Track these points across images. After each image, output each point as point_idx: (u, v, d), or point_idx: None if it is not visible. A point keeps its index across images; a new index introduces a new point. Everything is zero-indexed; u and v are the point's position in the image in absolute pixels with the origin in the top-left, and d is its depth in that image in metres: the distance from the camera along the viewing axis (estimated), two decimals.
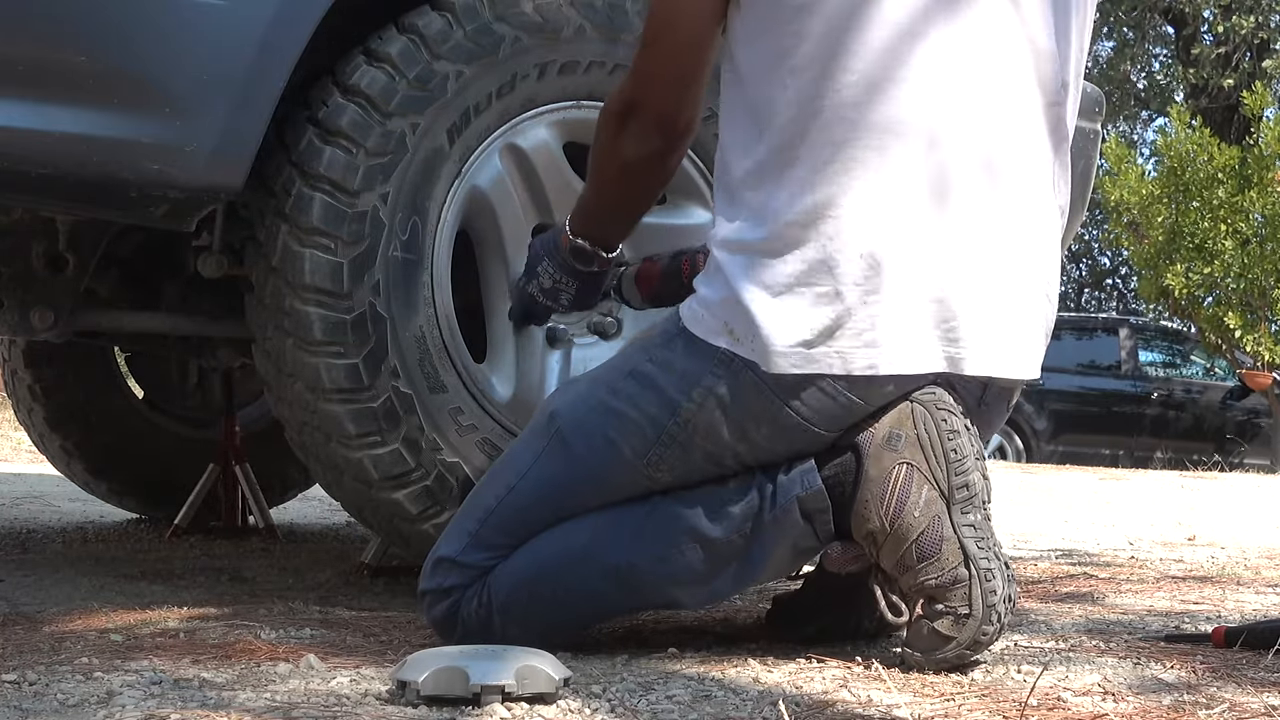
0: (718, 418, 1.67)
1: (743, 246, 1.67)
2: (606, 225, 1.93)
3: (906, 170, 1.64)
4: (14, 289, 2.30)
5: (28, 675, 1.48)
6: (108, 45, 1.84)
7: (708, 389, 1.67)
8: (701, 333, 1.68)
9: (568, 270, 1.97)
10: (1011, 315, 1.71)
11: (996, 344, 1.69)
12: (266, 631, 1.84)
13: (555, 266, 1.98)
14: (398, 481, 2.04)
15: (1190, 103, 15.92)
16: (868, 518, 1.65)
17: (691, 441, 1.69)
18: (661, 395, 1.69)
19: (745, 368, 1.65)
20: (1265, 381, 10.35)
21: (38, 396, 3.31)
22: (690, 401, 1.68)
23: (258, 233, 2.09)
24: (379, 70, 2.04)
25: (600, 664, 1.66)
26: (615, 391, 1.72)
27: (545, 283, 1.99)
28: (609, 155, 1.82)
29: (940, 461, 1.63)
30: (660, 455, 1.70)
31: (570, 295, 2.00)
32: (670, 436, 1.69)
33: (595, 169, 1.88)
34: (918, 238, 1.64)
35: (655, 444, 1.69)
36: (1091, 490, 6.20)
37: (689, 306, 1.71)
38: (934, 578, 1.62)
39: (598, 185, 1.89)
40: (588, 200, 1.93)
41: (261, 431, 3.36)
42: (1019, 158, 1.71)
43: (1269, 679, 1.62)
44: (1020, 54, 1.70)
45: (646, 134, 1.77)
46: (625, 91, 1.79)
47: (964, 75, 1.67)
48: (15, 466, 6.13)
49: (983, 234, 1.68)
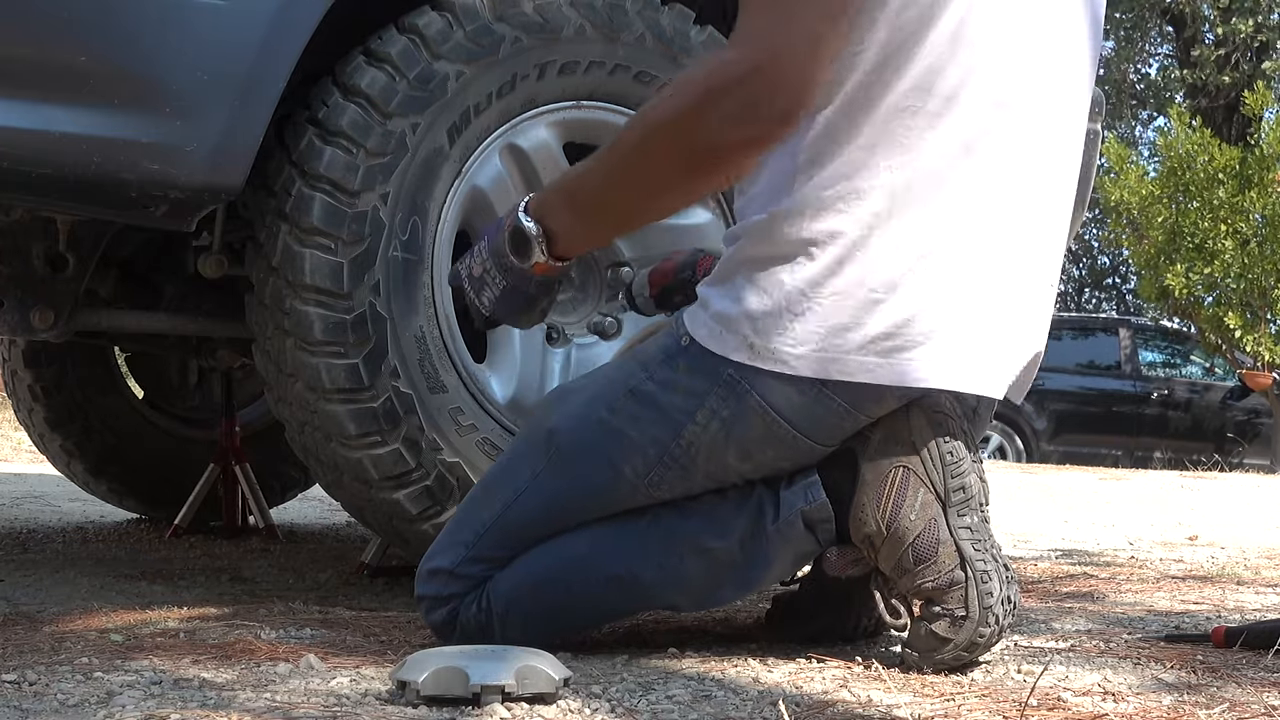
0: (721, 439, 1.65)
1: (760, 257, 1.62)
2: (589, 222, 1.65)
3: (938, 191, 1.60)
4: (14, 289, 2.30)
5: (28, 675, 1.47)
6: (108, 45, 1.84)
7: (712, 411, 1.64)
8: (718, 348, 1.62)
9: (497, 259, 1.68)
10: (1019, 337, 1.69)
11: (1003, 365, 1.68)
12: (266, 631, 1.84)
13: (488, 251, 1.69)
14: (398, 481, 2.04)
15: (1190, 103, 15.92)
16: (865, 521, 1.65)
17: (694, 463, 1.67)
18: (664, 416, 1.65)
19: (750, 390, 1.62)
20: (1265, 381, 10.35)
21: (38, 396, 3.31)
22: (694, 423, 1.65)
23: (258, 233, 2.09)
24: (379, 70, 2.04)
25: (600, 664, 1.66)
26: (615, 410, 1.68)
27: (475, 268, 1.71)
28: (673, 134, 1.53)
29: (936, 464, 1.63)
30: (662, 475, 1.68)
31: (493, 294, 1.69)
32: (672, 458, 1.66)
33: (635, 147, 1.58)
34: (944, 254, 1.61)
35: (657, 464, 1.67)
36: (1091, 490, 6.20)
37: (702, 323, 1.65)
38: (931, 580, 1.62)
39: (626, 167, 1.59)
40: (585, 182, 1.65)
41: (261, 431, 3.37)
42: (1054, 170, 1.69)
43: (1269, 679, 1.62)
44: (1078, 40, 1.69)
45: (754, 111, 1.48)
46: (733, 55, 1.51)
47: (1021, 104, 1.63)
48: (15, 466, 6.13)
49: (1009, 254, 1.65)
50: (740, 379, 1.62)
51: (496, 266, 1.67)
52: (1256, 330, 10.07)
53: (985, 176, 1.62)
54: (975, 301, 1.63)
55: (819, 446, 1.67)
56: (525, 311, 1.69)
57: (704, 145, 1.52)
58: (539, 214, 1.64)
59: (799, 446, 1.66)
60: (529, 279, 1.67)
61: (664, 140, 1.55)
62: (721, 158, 1.54)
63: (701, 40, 2.28)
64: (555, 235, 1.65)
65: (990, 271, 1.64)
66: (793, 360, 1.59)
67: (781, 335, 1.59)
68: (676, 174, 1.57)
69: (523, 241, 1.64)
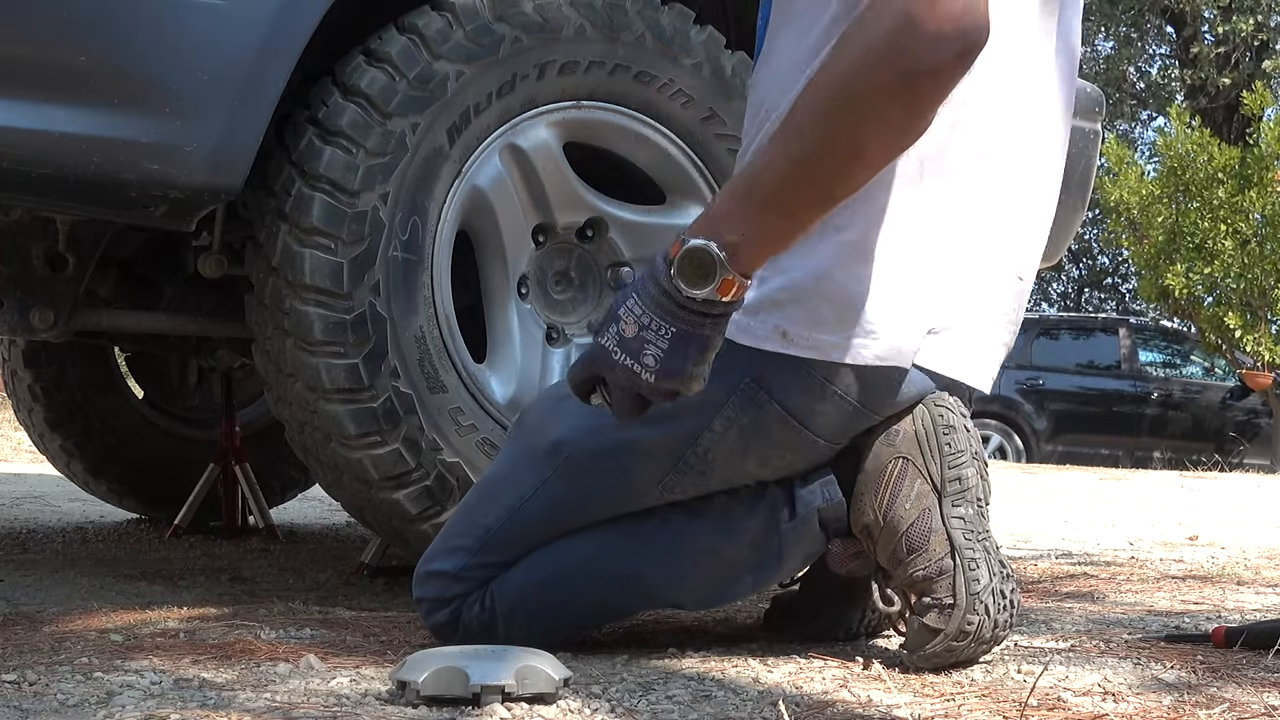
0: (739, 446, 1.65)
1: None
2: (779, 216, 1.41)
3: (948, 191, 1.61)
4: (14, 289, 2.30)
5: (28, 675, 1.47)
6: (108, 45, 1.83)
7: (729, 419, 1.63)
8: (749, 340, 1.60)
9: (659, 304, 1.42)
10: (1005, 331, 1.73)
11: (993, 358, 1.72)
12: (266, 631, 1.84)
13: (646, 301, 1.42)
14: (398, 481, 2.04)
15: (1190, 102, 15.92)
16: (863, 511, 1.66)
17: (711, 468, 1.67)
18: (679, 424, 1.64)
19: (770, 399, 1.62)
20: (1265, 381, 10.35)
21: (38, 396, 3.31)
22: (710, 431, 1.64)
23: (258, 233, 2.09)
24: (379, 70, 2.04)
25: (600, 664, 1.66)
26: None
27: (627, 328, 1.43)
28: (883, 62, 1.35)
29: (935, 455, 1.64)
30: (677, 481, 1.68)
31: (659, 350, 1.42)
32: (688, 465, 1.66)
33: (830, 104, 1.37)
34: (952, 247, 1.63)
35: (672, 471, 1.67)
36: (1091, 490, 6.20)
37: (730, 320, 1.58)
38: (922, 569, 1.63)
39: (819, 134, 1.38)
40: (763, 174, 1.41)
41: (261, 431, 3.37)
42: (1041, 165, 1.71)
43: (1269, 679, 1.62)
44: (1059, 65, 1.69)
45: (941, 30, 1.33)
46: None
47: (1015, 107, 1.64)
48: (15, 466, 6.13)
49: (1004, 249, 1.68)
50: (760, 387, 1.62)
51: (659, 314, 1.42)
52: (1256, 330, 10.07)
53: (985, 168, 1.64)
54: (978, 295, 1.66)
55: (833, 446, 1.68)
56: (700, 361, 1.44)
57: (924, 65, 1.34)
58: (709, 233, 1.41)
59: (816, 448, 1.67)
60: (704, 317, 1.43)
61: (871, 76, 1.35)
62: (940, 80, 1.36)
63: (701, 40, 2.28)
64: (737, 248, 1.40)
65: (988, 266, 1.67)
66: (826, 346, 1.59)
67: (814, 323, 1.59)
68: (892, 111, 1.37)
69: (702, 264, 1.40)
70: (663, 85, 2.24)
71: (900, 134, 1.39)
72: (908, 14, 1.33)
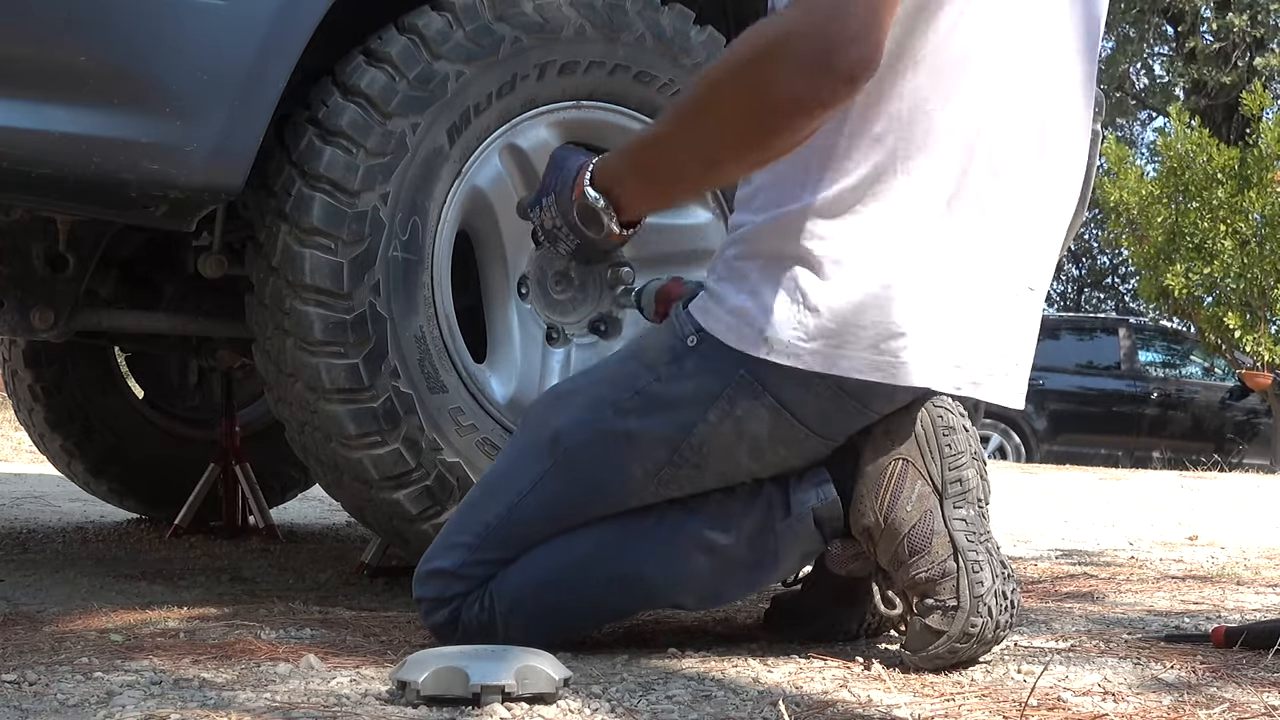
0: (733, 438, 1.65)
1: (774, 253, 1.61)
2: (654, 185, 1.63)
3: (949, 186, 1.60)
4: (14, 289, 2.30)
5: (28, 675, 1.48)
6: (108, 45, 1.84)
7: (724, 411, 1.64)
8: (737, 342, 1.61)
9: (569, 223, 1.69)
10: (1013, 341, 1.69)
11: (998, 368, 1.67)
12: (266, 631, 1.84)
13: (559, 212, 1.70)
14: (398, 481, 2.04)
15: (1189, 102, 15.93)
16: (863, 513, 1.66)
17: (706, 461, 1.67)
18: (674, 416, 1.65)
19: (765, 391, 1.62)
20: (1265, 381, 10.35)
21: (38, 396, 3.31)
22: (705, 423, 1.64)
23: (258, 233, 2.09)
24: (379, 70, 2.04)
25: (600, 664, 1.66)
26: (622, 411, 1.67)
27: (546, 221, 1.72)
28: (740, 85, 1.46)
29: (935, 456, 1.64)
30: (673, 475, 1.68)
31: (569, 248, 1.72)
32: (683, 457, 1.66)
33: (699, 102, 1.52)
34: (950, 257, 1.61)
35: (668, 464, 1.67)
36: (1091, 490, 6.20)
37: (719, 319, 1.64)
38: (924, 570, 1.63)
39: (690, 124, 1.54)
40: (649, 144, 1.63)
41: (261, 431, 3.37)
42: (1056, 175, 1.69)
43: (1269, 679, 1.62)
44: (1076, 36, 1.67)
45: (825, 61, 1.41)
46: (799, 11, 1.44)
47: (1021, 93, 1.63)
48: (15, 466, 6.13)
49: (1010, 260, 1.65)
50: (754, 380, 1.62)
51: (568, 227, 1.68)
52: (1256, 330, 10.07)
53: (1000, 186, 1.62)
54: (976, 305, 1.63)
55: (829, 443, 1.68)
56: (600, 262, 1.75)
57: (771, 99, 1.45)
58: (603, 183, 1.63)
59: (810, 444, 1.67)
60: (598, 241, 1.68)
61: (730, 92, 1.47)
62: (787, 114, 1.45)
63: (701, 40, 2.28)
64: (621, 202, 1.64)
65: (992, 276, 1.64)
66: (806, 355, 1.58)
67: (796, 330, 1.58)
68: (740, 132, 1.48)
69: (592, 217, 1.64)
70: (663, 85, 2.24)
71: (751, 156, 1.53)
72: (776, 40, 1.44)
